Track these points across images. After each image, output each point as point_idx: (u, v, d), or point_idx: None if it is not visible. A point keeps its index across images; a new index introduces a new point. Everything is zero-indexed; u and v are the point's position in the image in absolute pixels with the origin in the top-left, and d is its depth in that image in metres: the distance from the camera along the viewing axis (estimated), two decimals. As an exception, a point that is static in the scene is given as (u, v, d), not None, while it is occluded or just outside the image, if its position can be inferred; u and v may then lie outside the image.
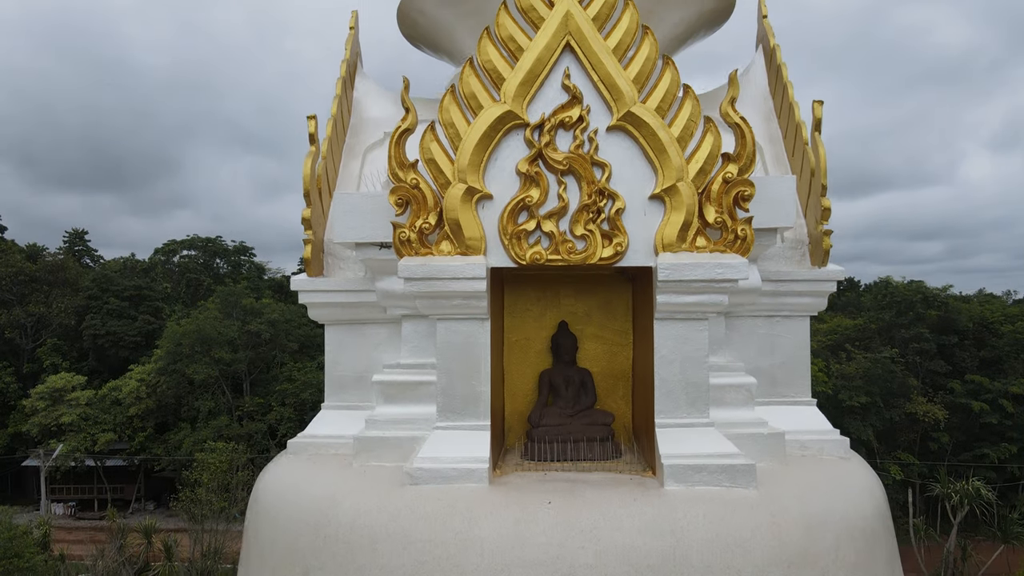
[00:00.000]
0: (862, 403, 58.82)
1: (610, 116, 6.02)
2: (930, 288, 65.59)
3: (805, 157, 7.36)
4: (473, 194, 5.98)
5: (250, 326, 66.27)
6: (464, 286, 5.89)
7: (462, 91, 6.09)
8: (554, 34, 6.00)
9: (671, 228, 5.94)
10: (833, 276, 7.24)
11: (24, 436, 66.14)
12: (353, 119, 8.73)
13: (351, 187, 7.95)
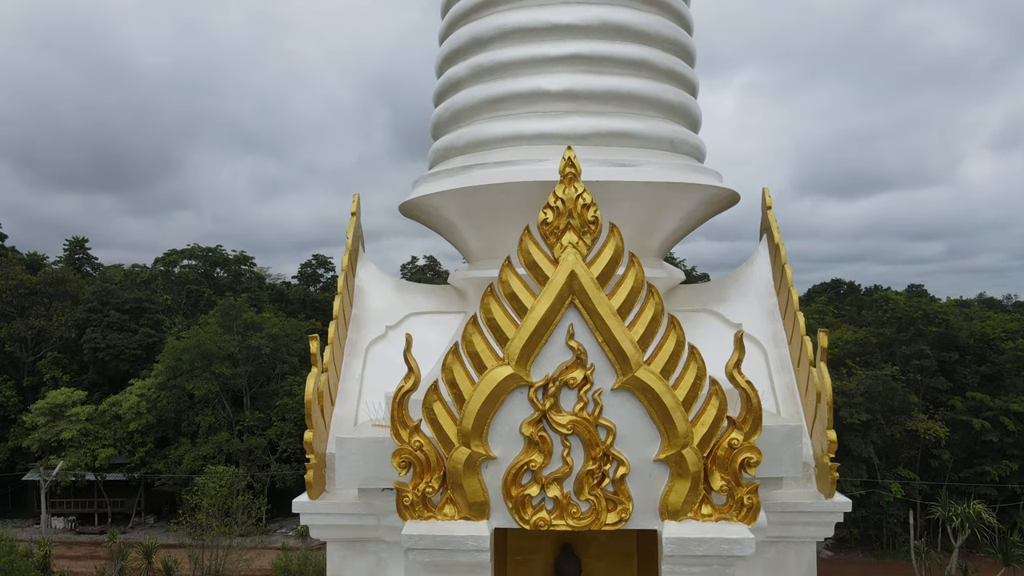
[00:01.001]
0: (863, 420, 58.82)
1: (615, 376, 5.96)
2: (930, 304, 65.53)
3: (811, 379, 7.27)
4: (477, 458, 5.93)
5: (250, 340, 66.25)
6: (468, 558, 5.85)
7: (466, 349, 6.03)
8: (558, 294, 5.94)
9: (676, 495, 5.89)
10: (840, 508, 7.20)
11: (24, 450, 66.17)
12: (355, 310, 8.71)
13: (352, 391, 7.91)
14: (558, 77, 8.05)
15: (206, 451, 61.90)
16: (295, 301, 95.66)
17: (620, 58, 8.12)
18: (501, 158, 7.94)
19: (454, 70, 8.83)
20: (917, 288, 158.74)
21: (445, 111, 8.91)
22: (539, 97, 8.04)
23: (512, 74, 8.21)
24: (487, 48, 8.44)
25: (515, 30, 8.22)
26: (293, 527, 66.97)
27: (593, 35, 8.12)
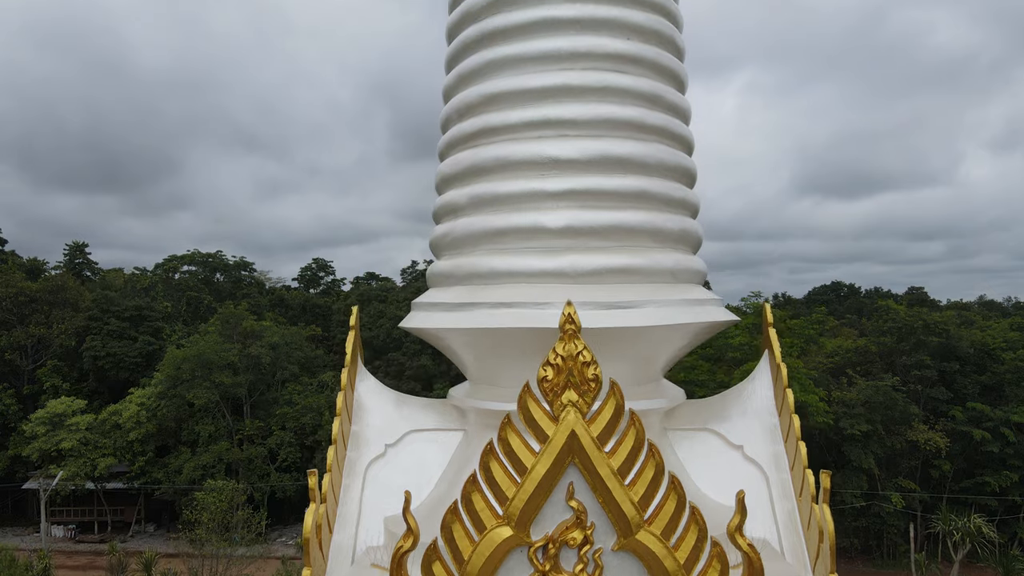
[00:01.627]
0: (863, 431, 58.82)
1: (615, 537, 5.88)
2: (931, 314, 65.47)
3: (812, 514, 7.20)
4: (476, 623, 5.85)
5: (250, 349, 66.30)
6: None
7: (465, 508, 5.96)
8: (559, 454, 5.87)
9: (676, 661, 5.80)
10: None
11: (24, 459, 66.20)
12: (355, 427, 8.68)
13: (351, 516, 7.87)
14: (558, 214, 8.02)
15: (206, 460, 61.94)
16: (295, 307, 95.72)
17: (621, 191, 8.10)
18: (502, 297, 7.89)
19: (453, 195, 8.79)
20: (917, 290, 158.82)
21: (444, 236, 8.89)
22: (539, 233, 8.00)
23: (511, 208, 8.17)
24: (486, 179, 8.42)
25: (515, 163, 8.18)
26: (293, 536, 67.03)
27: (593, 169, 8.09)
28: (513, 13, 8.40)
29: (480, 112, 8.54)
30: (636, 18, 8.55)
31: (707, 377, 59.66)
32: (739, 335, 60.93)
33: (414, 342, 70.05)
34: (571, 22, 8.28)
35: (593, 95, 8.25)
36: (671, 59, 8.96)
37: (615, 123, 8.23)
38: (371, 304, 78.63)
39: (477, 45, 8.75)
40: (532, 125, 8.15)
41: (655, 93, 8.61)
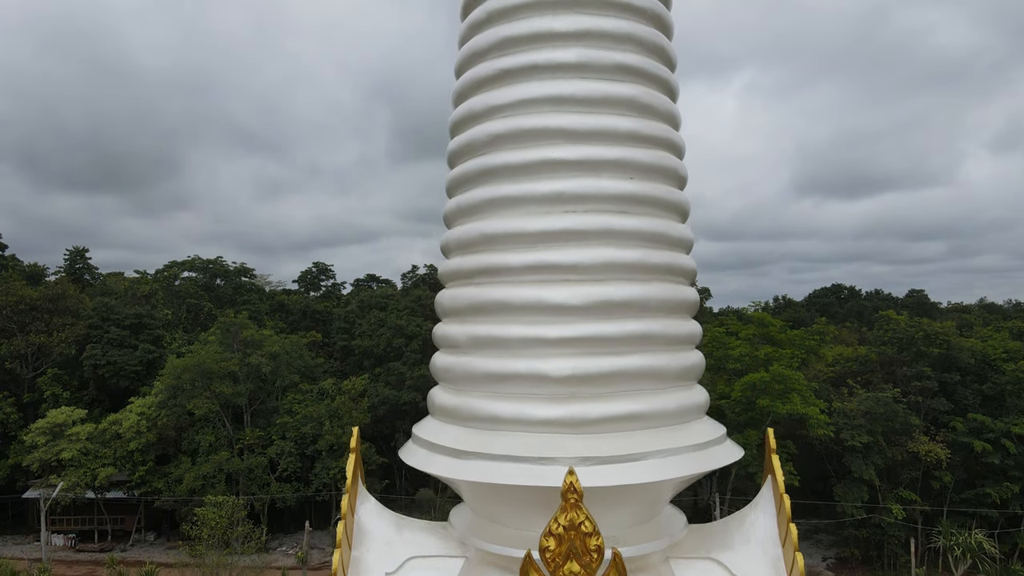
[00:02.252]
0: (864, 442, 58.78)
1: None
2: (931, 325, 65.37)
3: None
4: None
5: (250, 359, 66.24)
6: None
7: None
8: None
9: None
10: None
11: (25, 468, 66.14)
12: (355, 552, 8.66)
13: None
14: (560, 361, 7.97)
15: (206, 471, 61.86)
16: (296, 312, 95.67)
17: (623, 337, 8.04)
18: (504, 449, 7.88)
19: (453, 330, 8.75)
20: (918, 293, 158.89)
21: (444, 372, 8.85)
22: (541, 381, 7.95)
23: (513, 354, 8.11)
24: (486, 320, 8.38)
25: (516, 307, 8.13)
26: (293, 545, 67.05)
27: (595, 316, 8.05)
28: (514, 152, 8.33)
29: (480, 250, 8.47)
30: (640, 156, 8.50)
31: (707, 388, 59.45)
32: (740, 346, 60.89)
33: (414, 352, 70.00)
34: (574, 163, 8.21)
35: (595, 239, 8.19)
36: (676, 193, 8.91)
37: (617, 267, 8.18)
38: (371, 312, 78.52)
39: (477, 180, 8.70)
40: (533, 269, 8.08)
41: (659, 231, 8.58)
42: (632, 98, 8.63)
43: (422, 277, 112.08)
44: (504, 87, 8.84)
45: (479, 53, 9.27)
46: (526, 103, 8.60)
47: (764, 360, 58.94)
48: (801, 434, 59.73)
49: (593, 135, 8.32)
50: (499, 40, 8.96)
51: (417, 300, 74.48)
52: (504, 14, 9.11)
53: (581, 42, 8.65)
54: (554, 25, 8.68)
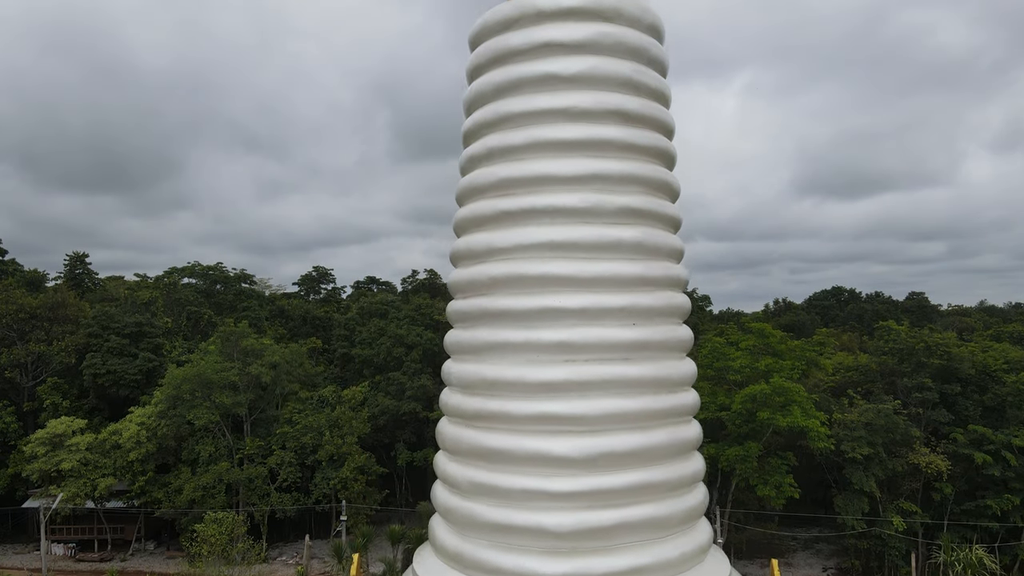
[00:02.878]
0: (865, 454, 58.74)
1: None
2: (932, 336, 65.28)
3: None
4: None
5: (251, 369, 66.18)
6: None
7: None
8: None
9: None
10: None
11: (24, 478, 66.13)
12: None
13: None
14: (562, 516, 7.93)
15: (206, 481, 61.83)
16: (296, 318, 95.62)
17: (625, 488, 7.97)
18: None
19: (453, 471, 8.68)
20: (918, 295, 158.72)
21: (447, 511, 8.77)
22: (543, 535, 7.88)
23: (514, 505, 8.03)
24: (488, 467, 8.29)
25: (517, 457, 8.04)
26: (293, 554, 67.06)
27: (598, 468, 7.96)
28: (515, 298, 8.23)
29: (481, 394, 8.37)
30: (644, 301, 8.42)
31: (708, 399, 59.49)
32: (740, 357, 60.77)
33: (415, 362, 69.93)
34: (576, 312, 8.12)
35: (598, 388, 8.10)
36: (679, 330, 8.81)
37: (620, 417, 8.08)
38: (371, 320, 78.42)
39: (478, 319, 8.60)
40: (535, 419, 7.98)
41: (662, 375, 8.50)
42: (638, 242, 8.54)
43: (422, 282, 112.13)
44: (504, 229, 8.75)
45: (479, 189, 9.21)
46: (527, 247, 8.52)
47: (764, 371, 58.85)
48: (802, 444, 59.68)
49: (596, 282, 8.22)
50: (499, 180, 8.89)
51: (417, 309, 74.42)
52: (504, 153, 9.05)
53: (585, 186, 8.58)
54: (556, 168, 8.60)
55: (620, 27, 9.52)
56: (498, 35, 9.94)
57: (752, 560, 64.46)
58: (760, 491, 57.13)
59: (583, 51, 9.33)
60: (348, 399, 68.47)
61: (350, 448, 64.24)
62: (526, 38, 9.50)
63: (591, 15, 9.36)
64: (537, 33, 9.45)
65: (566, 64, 9.24)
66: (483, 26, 10.26)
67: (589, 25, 9.37)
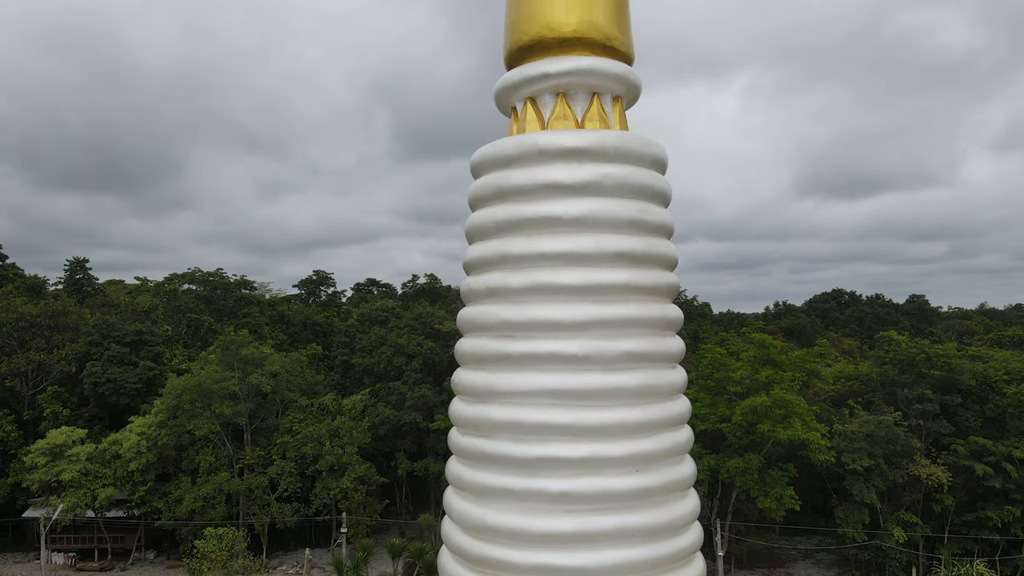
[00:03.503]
0: (865, 466, 58.74)
1: None
2: (932, 347, 65.25)
3: None
4: None
5: (251, 378, 66.13)
6: None
7: None
8: None
9: None
10: None
11: (25, 487, 66.11)
12: None
13: None
14: None
15: (206, 491, 61.80)
16: (296, 323, 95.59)
17: None
18: None
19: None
20: (918, 298, 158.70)
21: None
22: None
23: None
24: None
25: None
26: (294, 564, 67.04)
27: None
28: (516, 445, 8.18)
29: (482, 539, 8.30)
30: (647, 447, 8.37)
31: (708, 411, 59.49)
32: (741, 368, 60.72)
33: (415, 371, 69.87)
34: (577, 462, 8.07)
35: (602, 541, 8.03)
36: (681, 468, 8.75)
37: (626, 567, 8.01)
38: (372, 328, 78.37)
39: (479, 461, 8.54)
40: (538, 570, 7.93)
41: (665, 522, 8.42)
42: (642, 386, 8.49)
43: (422, 287, 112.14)
44: (504, 372, 8.70)
45: (480, 326, 9.18)
46: (527, 394, 8.47)
47: (765, 383, 58.80)
48: (803, 455, 59.62)
49: (598, 431, 8.17)
50: (499, 322, 8.85)
51: (418, 318, 74.36)
52: (505, 294, 9.02)
53: (586, 333, 8.53)
54: (556, 315, 8.56)
55: (623, 166, 9.52)
56: (499, 171, 9.92)
57: (753, 570, 64.52)
58: (761, 503, 57.12)
59: (585, 193, 9.32)
60: (349, 409, 68.44)
61: (350, 458, 64.22)
62: (527, 177, 9.48)
63: (593, 156, 9.35)
64: (538, 173, 9.43)
65: (567, 207, 9.23)
66: (484, 159, 10.24)
67: (591, 166, 9.36)
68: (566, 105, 10.00)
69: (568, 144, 9.40)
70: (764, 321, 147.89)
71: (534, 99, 10.24)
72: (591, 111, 9.99)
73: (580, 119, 9.98)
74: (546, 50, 10.13)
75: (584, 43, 9.97)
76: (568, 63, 9.91)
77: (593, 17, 9.90)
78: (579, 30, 9.88)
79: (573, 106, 10.05)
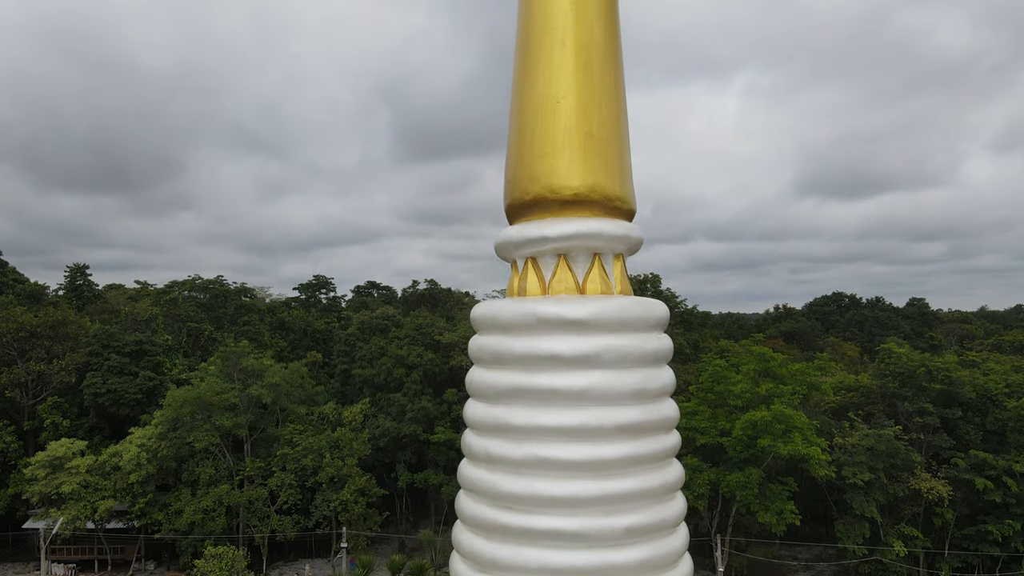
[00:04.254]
0: (866, 480, 58.74)
1: None
2: (933, 360, 65.17)
3: None
4: None
5: (251, 390, 66.11)
6: None
7: None
8: None
9: None
10: None
11: (25, 499, 66.13)
12: None
13: None
14: None
15: (207, 504, 61.81)
16: (296, 330, 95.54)
17: None
18: None
19: None
20: (918, 301, 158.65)
21: None
22: None
23: None
24: None
25: None
26: (293, 575, 67.08)
27: None
28: None
29: None
30: None
31: (708, 424, 59.45)
32: (741, 381, 60.65)
33: (415, 383, 69.83)
34: None
35: None
36: None
37: None
38: (372, 338, 78.30)
39: None
40: None
41: None
42: (643, 561, 8.48)
43: (421, 294, 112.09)
44: (503, 544, 8.69)
45: (479, 492, 9.17)
46: (524, 571, 8.46)
47: (765, 396, 58.76)
48: (803, 467, 59.57)
49: None
50: (498, 492, 8.86)
51: (418, 328, 74.28)
52: (504, 463, 9.02)
53: (586, 509, 8.54)
54: (556, 491, 8.58)
55: (625, 336, 9.49)
56: (499, 336, 9.89)
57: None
58: (761, 517, 57.10)
59: (586, 366, 9.29)
60: (349, 420, 68.42)
61: (350, 470, 64.21)
62: (527, 347, 9.46)
63: (594, 327, 9.33)
64: (538, 344, 9.42)
65: (568, 379, 9.21)
66: (483, 320, 10.22)
67: (592, 338, 9.34)
68: (567, 267, 10.03)
69: (568, 316, 9.39)
70: (764, 324, 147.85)
71: (535, 259, 10.25)
72: (592, 273, 10.04)
73: (581, 281, 10.02)
74: (547, 210, 10.14)
75: (586, 204, 9.98)
76: (569, 227, 9.93)
77: (595, 180, 9.90)
78: (581, 194, 9.90)
79: (574, 267, 10.10)
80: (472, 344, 10.46)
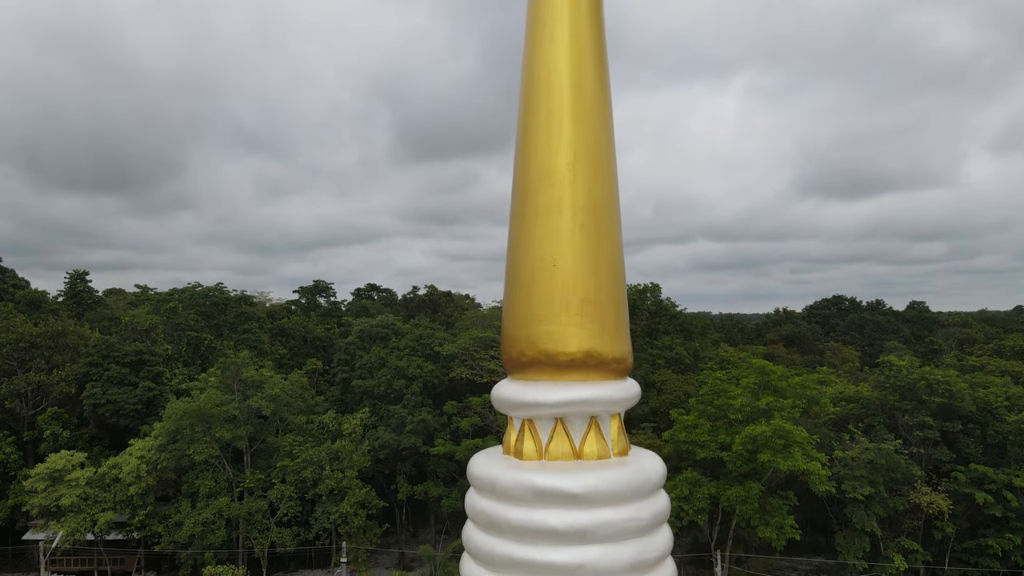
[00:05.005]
0: (866, 494, 58.71)
1: None
2: (933, 373, 65.08)
3: None
4: None
5: (251, 401, 66.05)
6: None
7: None
8: None
9: None
10: None
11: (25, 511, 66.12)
12: None
13: None
14: None
15: (206, 516, 61.77)
16: (296, 338, 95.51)
17: None
18: None
19: None
20: (918, 304, 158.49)
21: None
22: None
23: None
24: None
25: None
26: (293, 585, 67.14)
27: None
28: None
29: None
30: None
31: (708, 438, 59.36)
32: (741, 395, 60.58)
33: (415, 394, 69.78)
34: None
35: None
36: None
37: None
38: (372, 347, 78.25)
39: None
40: None
41: None
42: None
43: (421, 299, 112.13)
44: None
45: None
46: None
47: (765, 410, 58.69)
48: (803, 480, 59.53)
49: None
50: None
51: (418, 339, 74.25)
52: None
53: None
54: None
55: (620, 509, 9.54)
56: (495, 501, 9.91)
57: (753, 596, 64.48)
58: (761, 532, 57.04)
59: (582, 541, 9.34)
60: (349, 432, 68.35)
61: (350, 482, 64.14)
62: (524, 517, 9.50)
63: (590, 501, 9.40)
64: (534, 515, 9.47)
65: (563, 554, 9.27)
66: (481, 480, 10.26)
67: (588, 512, 9.39)
68: (564, 432, 10.13)
69: (565, 489, 9.44)
70: (765, 327, 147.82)
71: (532, 421, 10.31)
72: (589, 436, 10.13)
73: (578, 446, 10.09)
74: (543, 372, 10.20)
75: (583, 368, 10.03)
76: (565, 394, 10.03)
77: (592, 345, 9.95)
78: (577, 359, 9.97)
79: (571, 431, 10.19)
80: (469, 501, 10.48)
